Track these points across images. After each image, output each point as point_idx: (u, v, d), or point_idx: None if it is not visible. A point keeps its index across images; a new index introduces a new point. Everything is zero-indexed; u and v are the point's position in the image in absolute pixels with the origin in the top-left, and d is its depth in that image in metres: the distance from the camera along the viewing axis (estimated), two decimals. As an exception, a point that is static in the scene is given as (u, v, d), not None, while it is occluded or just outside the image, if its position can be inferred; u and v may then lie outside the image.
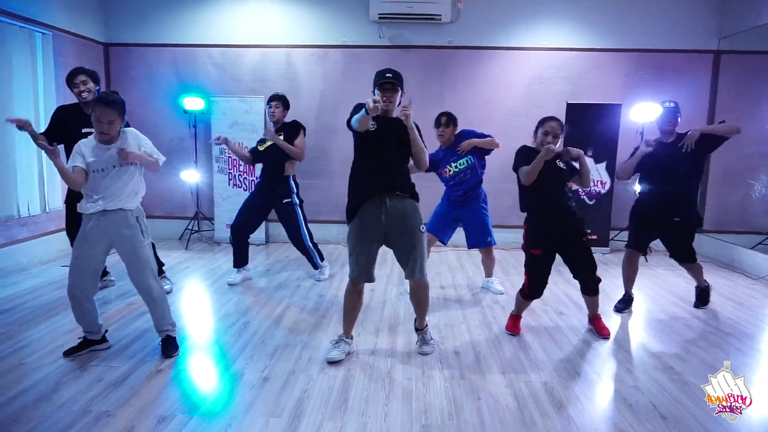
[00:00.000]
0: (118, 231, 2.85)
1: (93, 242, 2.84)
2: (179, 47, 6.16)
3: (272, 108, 4.39)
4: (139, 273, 2.91)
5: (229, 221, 6.17)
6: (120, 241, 2.88)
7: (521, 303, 3.44)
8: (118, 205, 2.82)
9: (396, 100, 2.90)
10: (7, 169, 4.58)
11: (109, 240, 2.87)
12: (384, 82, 2.85)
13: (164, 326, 3.01)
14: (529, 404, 2.55)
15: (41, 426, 2.26)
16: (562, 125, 3.23)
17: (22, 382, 2.66)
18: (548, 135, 3.19)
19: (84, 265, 2.84)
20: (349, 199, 2.95)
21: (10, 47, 4.56)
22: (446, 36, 6.03)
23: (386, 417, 2.40)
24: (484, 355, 3.10)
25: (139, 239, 2.88)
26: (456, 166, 4.09)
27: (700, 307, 4.04)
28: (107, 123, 2.72)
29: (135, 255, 2.88)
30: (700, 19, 5.91)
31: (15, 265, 4.75)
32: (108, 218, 2.83)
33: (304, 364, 2.94)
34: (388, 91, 2.86)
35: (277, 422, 2.33)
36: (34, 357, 2.96)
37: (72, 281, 2.84)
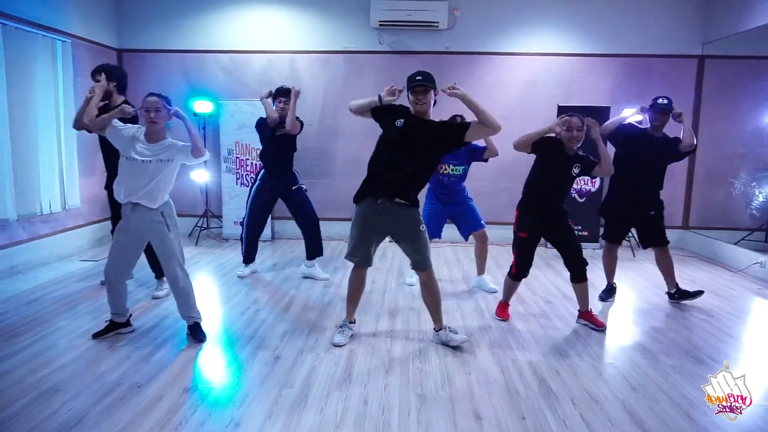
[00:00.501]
0: (147, 224, 3.14)
1: (130, 231, 3.16)
2: (189, 53, 6.46)
3: (282, 104, 4.51)
4: (166, 262, 3.21)
5: (237, 218, 6.48)
6: (150, 233, 3.18)
7: (510, 285, 3.71)
8: (143, 200, 3.10)
9: (429, 101, 2.99)
10: (31, 170, 4.87)
11: (142, 230, 3.17)
12: (415, 85, 2.96)
13: (190, 313, 3.28)
14: (514, 377, 2.84)
15: (82, 394, 2.56)
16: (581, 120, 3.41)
17: (58, 360, 2.95)
18: (571, 131, 3.39)
19: (122, 250, 3.17)
20: (361, 185, 3.14)
21: (34, 54, 4.86)
22: (443, 42, 6.33)
23: (386, 388, 2.70)
24: (475, 337, 3.40)
25: (165, 231, 3.16)
26: (453, 170, 4.27)
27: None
28: (154, 110, 3.05)
29: (162, 246, 3.18)
30: (684, 26, 6.20)
31: (37, 259, 5.05)
32: (138, 211, 3.11)
33: (312, 345, 3.24)
34: (420, 93, 2.96)
35: (289, 392, 2.63)
36: (65, 340, 3.26)
37: (109, 264, 3.17)
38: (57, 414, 2.39)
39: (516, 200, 3.73)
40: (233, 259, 5.50)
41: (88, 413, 2.40)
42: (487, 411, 2.49)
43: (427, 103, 2.98)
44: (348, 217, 6.83)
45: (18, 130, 4.70)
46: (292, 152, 4.69)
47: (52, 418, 2.35)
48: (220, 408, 2.48)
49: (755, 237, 5.96)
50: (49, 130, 5.08)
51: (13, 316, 3.65)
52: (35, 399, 2.52)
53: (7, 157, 4.56)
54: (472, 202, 4.46)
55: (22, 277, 4.65)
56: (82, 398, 2.53)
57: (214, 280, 4.74)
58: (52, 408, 2.44)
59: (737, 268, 5.33)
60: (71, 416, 2.37)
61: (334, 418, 2.40)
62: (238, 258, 5.51)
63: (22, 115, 4.75)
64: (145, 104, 3.08)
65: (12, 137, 4.61)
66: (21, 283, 4.45)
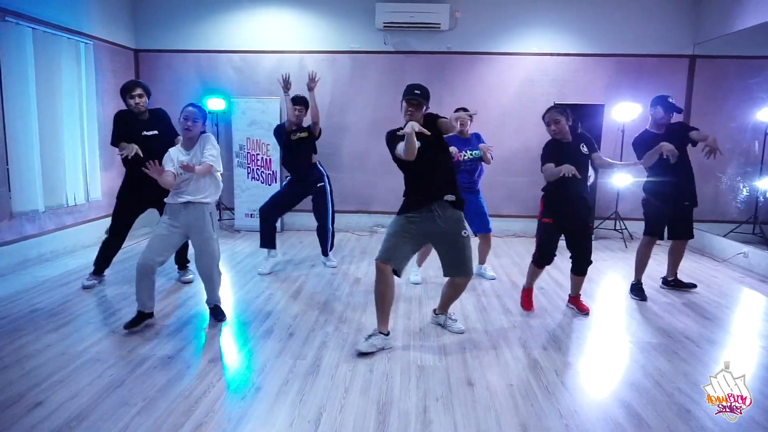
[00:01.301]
0: (195, 222, 3.37)
1: (176, 226, 3.37)
2: (203, 53, 6.78)
3: (298, 111, 4.73)
4: (206, 261, 3.45)
5: (248, 211, 6.82)
6: (194, 231, 3.40)
7: (532, 272, 3.87)
8: (198, 199, 3.36)
9: (419, 114, 3.08)
10: (57, 164, 5.21)
11: (186, 228, 3.39)
12: (411, 98, 3.07)
13: (214, 300, 3.59)
14: (505, 351, 3.16)
15: (118, 363, 2.90)
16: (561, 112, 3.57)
17: (94, 335, 3.29)
18: (550, 125, 3.57)
19: (162, 243, 3.36)
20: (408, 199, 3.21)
21: (59, 57, 5.18)
22: (445, 43, 6.62)
23: (389, 360, 3.02)
24: (472, 319, 3.72)
25: (210, 232, 3.41)
26: (471, 154, 4.45)
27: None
28: (192, 121, 3.32)
29: (206, 246, 3.42)
30: (676, 26, 6.47)
31: (63, 248, 5.40)
32: (188, 210, 3.36)
33: (322, 323, 3.57)
34: (413, 105, 3.08)
35: (302, 363, 2.96)
36: (98, 319, 3.60)
37: (145, 255, 3.31)
38: (101, 377, 2.73)
39: (513, 194, 4.00)
40: (245, 249, 5.83)
41: (127, 378, 2.73)
42: (480, 380, 2.81)
43: (415, 116, 3.08)
44: (354, 209, 7.15)
45: (46, 128, 5.03)
46: (310, 154, 4.90)
47: (97, 381, 2.69)
48: (242, 376, 2.81)
49: (743, 229, 6.24)
50: (73, 127, 5.41)
51: (49, 298, 3.99)
52: (80, 366, 2.85)
53: (36, 153, 4.89)
54: (484, 202, 4.63)
55: (49, 264, 5.00)
56: (119, 366, 2.87)
57: (228, 269, 5.07)
58: (96, 373, 2.78)
59: (723, 258, 5.61)
60: (113, 380, 2.71)
61: (344, 383, 2.73)
62: (250, 248, 5.86)
63: (50, 114, 5.09)
64: (184, 113, 3.35)
65: (40, 134, 4.94)
66: (51, 270, 4.79)
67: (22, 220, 4.92)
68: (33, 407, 2.45)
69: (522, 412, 2.48)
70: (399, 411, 2.47)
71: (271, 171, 6.76)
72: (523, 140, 6.65)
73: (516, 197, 6.76)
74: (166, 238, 3.39)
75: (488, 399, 2.60)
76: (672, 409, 2.54)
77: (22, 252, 4.89)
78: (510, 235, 6.79)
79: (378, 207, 6.93)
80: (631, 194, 6.63)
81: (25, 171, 4.81)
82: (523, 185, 6.73)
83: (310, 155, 4.92)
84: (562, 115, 3.56)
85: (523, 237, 6.70)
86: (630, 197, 6.67)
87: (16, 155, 4.75)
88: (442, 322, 3.54)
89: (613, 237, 6.66)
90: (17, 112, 4.72)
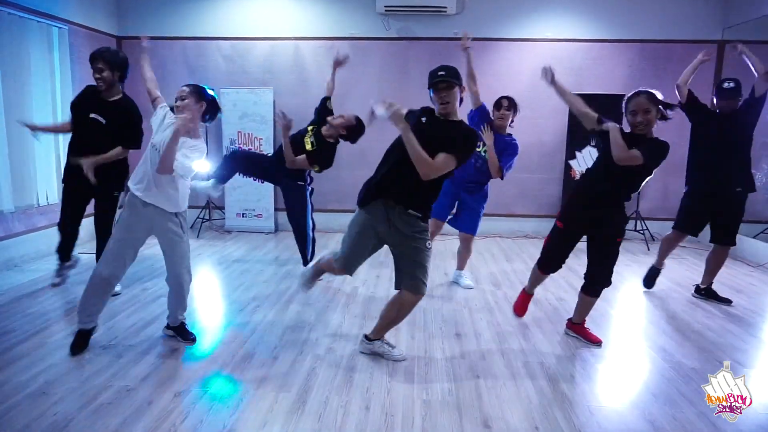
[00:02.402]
0: (159, 221, 2.86)
1: (136, 226, 2.86)
2: (190, 40, 6.30)
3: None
4: (174, 264, 2.92)
5: (239, 210, 6.36)
6: (161, 232, 2.89)
7: (536, 276, 3.39)
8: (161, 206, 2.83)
9: (455, 100, 2.60)
10: (26, 161, 4.75)
11: (151, 228, 2.89)
12: (438, 80, 2.59)
13: (180, 314, 3.09)
14: (525, 381, 2.68)
15: (68, 398, 2.43)
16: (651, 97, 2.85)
17: (48, 359, 2.83)
18: (636, 114, 2.84)
19: (122, 249, 2.86)
20: (367, 184, 2.78)
21: (28, 42, 4.71)
22: (452, 28, 6.12)
23: (389, 393, 2.55)
24: (485, 339, 3.24)
25: (179, 233, 2.91)
26: (482, 150, 3.95)
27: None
28: (180, 99, 2.79)
29: (174, 246, 2.90)
30: (704, 9, 5.95)
31: (35, 252, 4.94)
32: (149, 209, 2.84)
33: (312, 344, 3.09)
34: (443, 90, 2.58)
35: (286, 396, 2.49)
36: (56, 338, 3.13)
37: (108, 265, 2.83)
38: (44, 416, 2.27)
39: (525, 192, 3.57)
40: (235, 252, 5.37)
41: (75, 417, 2.27)
42: (497, 419, 2.33)
43: (451, 103, 2.59)
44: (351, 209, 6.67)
45: (13, 120, 4.56)
46: None
47: (38, 421, 2.22)
48: (212, 414, 2.34)
49: (776, 230, 5.74)
50: (45, 120, 4.94)
51: (8, 311, 3.53)
52: (21, 401, 2.39)
53: (3, 147, 4.44)
54: (482, 209, 4.20)
55: (18, 269, 4.55)
56: (68, 401, 2.40)
57: (216, 273, 4.62)
58: (41, 409, 2.32)
59: (757, 262, 5.12)
60: (57, 419, 2.25)
61: (334, 425, 2.26)
62: (239, 251, 5.40)
63: (18, 104, 4.63)
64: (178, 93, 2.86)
65: (7, 127, 4.49)
66: (18, 276, 4.34)
67: (-14, 222, 4.47)
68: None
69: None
70: (400, 466, 2.00)
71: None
72: (537, 134, 6.15)
73: (528, 195, 6.28)
74: (127, 242, 2.87)
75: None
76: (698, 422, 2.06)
77: (-13, 257, 4.44)
78: (521, 236, 6.31)
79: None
80: (653, 191, 6.14)
81: (-12, 168, 4.36)
82: (535, 182, 6.25)
83: None
84: (654, 105, 2.80)
85: (535, 238, 6.21)
86: (651, 194, 6.18)
87: (-22, 150, 4.29)
88: (379, 350, 2.92)
89: (634, 238, 6.16)
90: (-21, 103, 4.26)
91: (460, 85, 2.60)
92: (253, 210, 6.34)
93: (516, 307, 3.59)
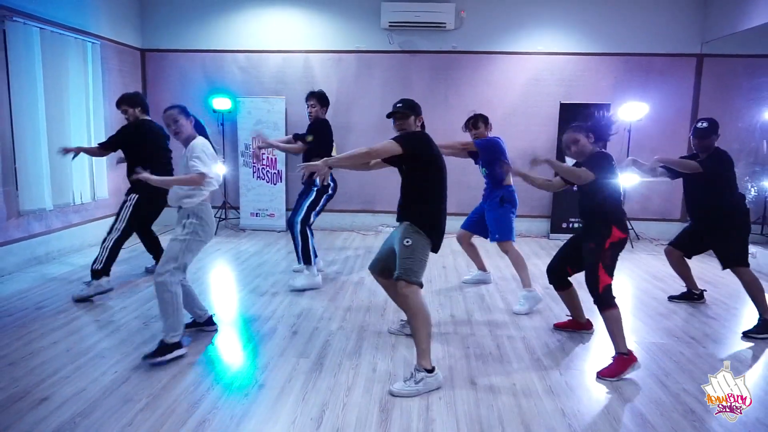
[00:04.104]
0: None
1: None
2: (208, 53, 6.81)
3: (308, 107, 4.47)
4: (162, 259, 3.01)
5: (253, 210, 6.84)
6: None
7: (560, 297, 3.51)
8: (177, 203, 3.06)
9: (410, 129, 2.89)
10: (63, 162, 5.23)
11: None
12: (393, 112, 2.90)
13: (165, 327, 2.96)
14: (508, 351, 3.15)
15: (123, 361, 2.92)
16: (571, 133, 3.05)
17: (99, 333, 3.31)
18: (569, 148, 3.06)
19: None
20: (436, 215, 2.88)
21: (67, 57, 5.22)
22: (450, 42, 6.61)
23: (392, 360, 3.02)
24: (476, 318, 3.71)
25: (177, 231, 3.02)
26: (481, 170, 4.26)
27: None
28: (173, 123, 3.00)
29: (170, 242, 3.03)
30: (684, 25, 6.42)
31: (70, 246, 5.44)
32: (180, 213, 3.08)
33: (326, 322, 3.57)
34: (398, 120, 2.90)
35: (306, 361, 2.96)
36: (103, 317, 3.62)
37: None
38: (105, 374, 2.75)
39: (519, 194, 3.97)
40: (250, 248, 5.85)
41: (131, 375, 2.75)
42: (482, 379, 2.80)
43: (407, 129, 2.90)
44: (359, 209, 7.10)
45: (53, 127, 5.06)
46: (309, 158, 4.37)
47: (101, 378, 2.71)
48: (245, 374, 2.82)
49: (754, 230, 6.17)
50: (80, 127, 5.45)
51: (55, 296, 4.02)
52: (85, 363, 2.88)
53: (44, 151, 4.92)
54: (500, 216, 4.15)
55: (57, 262, 5.04)
56: (123, 363, 2.88)
57: (233, 267, 5.09)
58: (101, 370, 2.80)
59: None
60: (117, 377, 2.72)
61: (347, 382, 2.73)
62: (255, 247, 5.88)
63: (57, 113, 5.12)
64: (165, 120, 3.05)
65: (48, 133, 4.98)
66: (57, 267, 4.83)
67: (29, 218, 4.95)
68: (38, 403, 2.47)
69: (525, 412, 2.48)
70: (401, 409, 2.47)
71: (277, 170, 6.77)
72: (529, 140, 6.62)
73: (521, 197, 6.66)
74: None
75: (491, 398, 2.59)
76: (677, 409, 2.52)
77: (30, 250, 4.93)
78: (529, 236, 6.77)
79: (382, 206, 6.93)
80: (637, 194, 6.59)
81: (32, 170, 4.84)
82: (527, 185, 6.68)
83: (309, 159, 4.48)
84: (581, 133, 3.02)
85: (528, 237, 6.68)
86: (636, 197, 6.63)
87: (24, 154, 4.78)
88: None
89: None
90: (25, 112, 4.75)
91: (415, 114, 2.89)
92: (266, 210, 6.82)
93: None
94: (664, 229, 6.61)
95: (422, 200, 2.84)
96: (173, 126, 3.03)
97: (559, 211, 6.67)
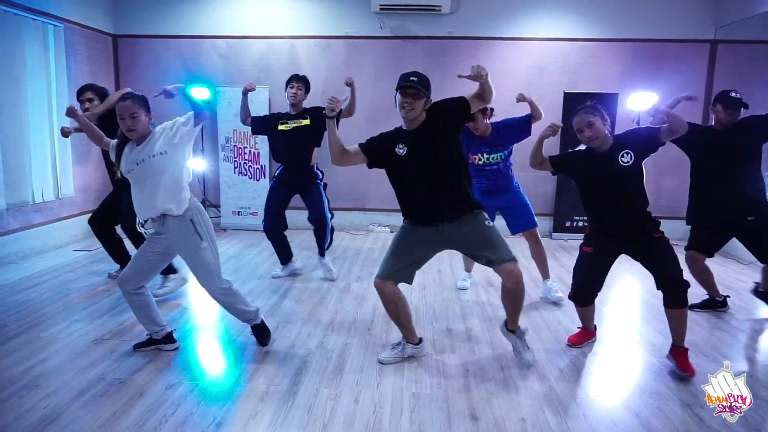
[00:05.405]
0: (176, 236, 2.71)
1: (158, 243, 2.75)
2: (185, 38, 6.32)
3: (294, 89, 4.11)
4: (203, 277, 2.79)
5: (234, 208, 6.38)
6: (180, 246, 2.75)
7: (578, 311, 3.10)
8: (159, 210, 2.65)
9: (418, 108, 2.55)
10: (21, 157, 4.77)
11: (171, 243, 2.75)
12: (406, 85, 2.52)
13: (247, 318, 2.95)
14: (513, 373, 2.72)
15: (61, 389, 2.46)
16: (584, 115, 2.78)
17: (40, 353, 2.85)
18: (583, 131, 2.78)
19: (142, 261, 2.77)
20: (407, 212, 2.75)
21: (24, 39, 4.73)
22: (446, 27, 6.15)
23: (378, 386, 2.58)
24: (476, 333, 3.27)
25: (197, 241, 2.71)
26: (489, 159, 3.80)
27: None
28: (130, 117, 2.57)
29: (197, 258, 2.73)
30: (696, 9, 5.98)
31: (30, 249, 4.96)
32: (168, 222, 2.69)
33: (304, 339, 3.12)
34: (409, 96, 2.53)
35: (276, 389, 2.51)
36: (51, 331, 3.16)
37: (125, 272, 2.79)
38: (35, 407, 2.29)
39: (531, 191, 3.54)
40: (230, 249, 5.40)
41: (66, 409, 2.30)
42: (485, 411, 2.36)
43: (415, 110, 2.54)
44: (349, 206, 6.67)
45: (7, 117, 4.59)
46: (311, 147, 4.23)
47: (29, 414, 2.25)
48: (202, 406, 2.36)
49: None
50: (41, 117, 4.96)
51: (2, 306, 3.56)
52: (13, 393, 2.42)
53: (-4, 144, 4.46)
54: (523, 196, 3.95)
55: (13, 266, 4.57)
56: (60, 393, 2.43)
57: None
58: (32, 402, 2.34)
59: (747, 260, 5.15)
60: (48, 412, 2.27)
61: (322, 417, 2.29)
62: (235, 248, 5.43)
63: (12, 102, 4.65)
64: (119, 111, 2.58)
65: (1, 125, 4.50)
66: (12, 273, 4.36)
67: (-20, 219, 4.49)
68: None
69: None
70: (387, 456, 2.03)
71: (260, 165, 6.30)
72: (532, 131, 6.16)
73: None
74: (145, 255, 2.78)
75: (496, 438, 2.16)
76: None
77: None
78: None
79: (374, 204, 6.47)
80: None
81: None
82: (530, 180, 6.26)
83: (311, 149, 4.23)
84: (595, 115, 2.74)
85: (530, 236, 6.25)
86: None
87: (-27, 147, 4.31)
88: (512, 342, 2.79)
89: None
90: (-27, 100, 4.28)
91: (427, 95, 2.57)
92: (249, 208, 6.37)
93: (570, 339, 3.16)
94: (673, 228, 6.19)
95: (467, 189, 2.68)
96: (128, 121, 2.57)
97: (562, 209, 6.24)
